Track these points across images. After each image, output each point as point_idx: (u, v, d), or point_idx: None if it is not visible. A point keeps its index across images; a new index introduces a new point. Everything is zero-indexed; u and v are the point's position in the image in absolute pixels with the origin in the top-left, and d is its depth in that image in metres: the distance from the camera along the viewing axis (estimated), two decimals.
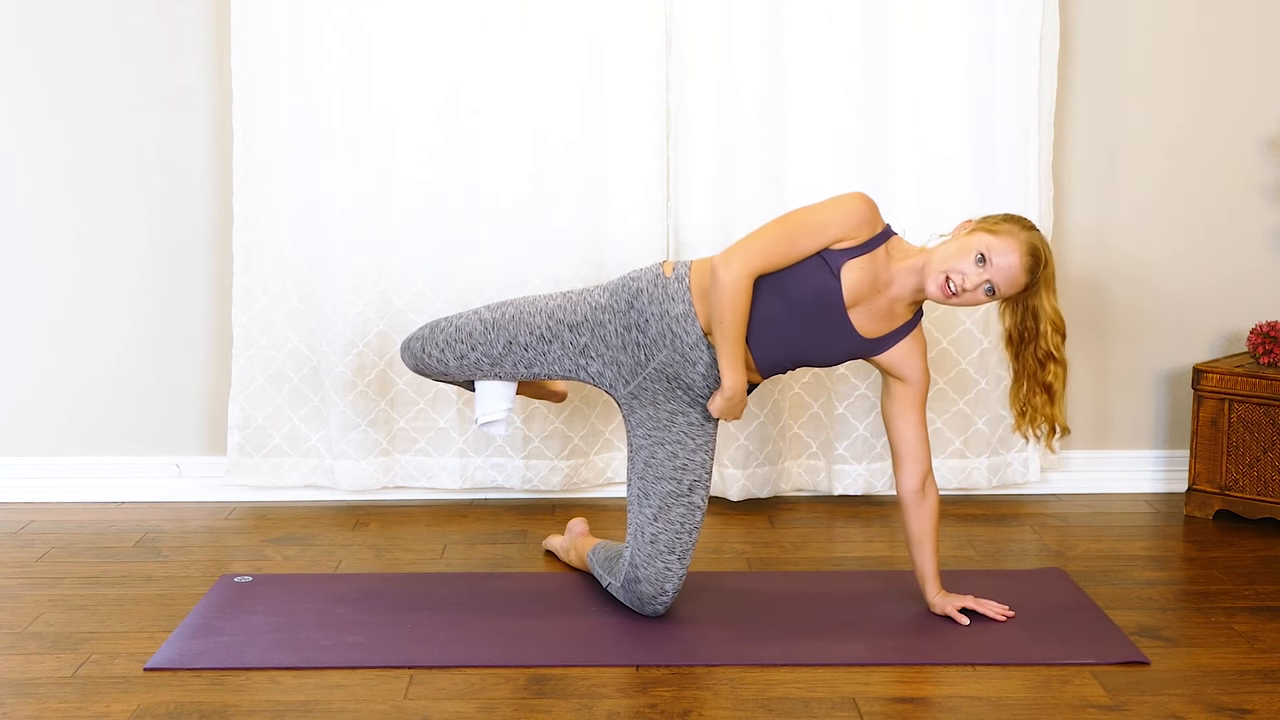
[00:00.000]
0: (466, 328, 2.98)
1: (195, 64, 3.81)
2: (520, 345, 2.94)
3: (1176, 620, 3.05)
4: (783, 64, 3.75)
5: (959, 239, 2.83)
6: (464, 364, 2.98)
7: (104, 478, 3.95)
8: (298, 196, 3.76)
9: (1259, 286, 4.01)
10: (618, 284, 2.97)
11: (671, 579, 2.97)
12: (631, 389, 2.97)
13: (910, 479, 2.98)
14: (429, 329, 3.03)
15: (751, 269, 2.81)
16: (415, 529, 3.72)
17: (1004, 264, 2.78)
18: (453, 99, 3.73)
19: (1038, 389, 2.90)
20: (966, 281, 2.78)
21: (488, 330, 2.96)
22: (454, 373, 3.02)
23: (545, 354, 2.95)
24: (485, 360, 2.97)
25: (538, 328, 2.94)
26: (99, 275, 3.89)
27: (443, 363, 3.00)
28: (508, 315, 2.96)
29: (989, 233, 2.81)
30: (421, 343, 3.03)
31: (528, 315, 2.95)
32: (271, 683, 2.70)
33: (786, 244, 2.82)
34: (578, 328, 2.94)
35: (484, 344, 2.96)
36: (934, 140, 3.80)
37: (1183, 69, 3.94)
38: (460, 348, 2.97)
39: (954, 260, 2.79)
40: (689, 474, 2.96)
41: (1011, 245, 2.79)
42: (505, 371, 2.99)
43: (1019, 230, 2.82)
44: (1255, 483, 3.73)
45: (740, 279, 2.80)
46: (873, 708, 2.59)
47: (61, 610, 3.09)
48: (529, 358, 2.95)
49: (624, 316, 2.93)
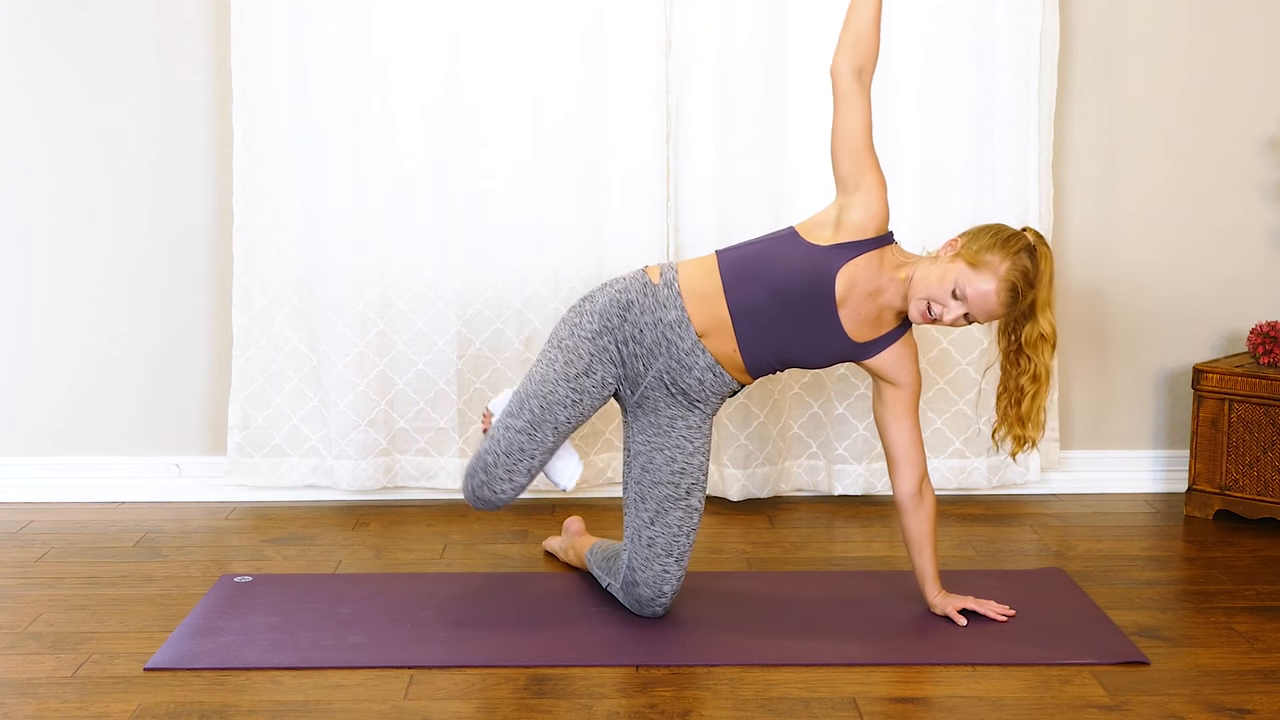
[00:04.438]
0: (514, 447, 2.93)
1: (195, 64, 3.81)
2: (563, 421, 2.93)
3: (1176, 620, 3.05)
4: (783, 63, 3.75)
5: (941, 264, 2.81)
6: (533, 472, 2.97)
7: (104, 478, 3.95)
8: (298, 196, 3.76)
9: (1259, 286, 4.01)
10: (604, 304, 2.95)
11: (670, 581, 2.97)
12: (636, 398, 2.97)
13: (906, 483, 2.98)
14: (483, 475, 2.95)
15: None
16: (415, 529, 3.72)
17: (979, 300, 2.77)
18: (453, 99, 3.73)
19: (1014, 391, 2.90)
20: (945, 315, 2.79)
21: (531, 434, 2.93)
22: (530, 481, 2.99)
23: (582, 410, 2.95)
24: (547, 454, 2.97)
25: (565, 399, 2.92)
26: (99, 275, 3.89)
27: (518, 486, 2.96)
28: (536, 410, 2.92)
29: (969, 264, 2.78)
30: (487, 488, 2.96)
31: (550, 395, 2.92)
32: (271, 683, 2.70)
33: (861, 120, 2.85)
34: (590, 370, 2.93)
35: (537, 445, 2.93)
36: (934, 140, 3.79)
37: (1182, 69, 3.94)
38: (523, 465, 2.94)
39: (935, 289, 2.79)
40: (687, 477, 2.96)
41: (988, 280, 2.76)
42: (561, 444, 2.99)
43: (1000, 262, 2.77)
44: (1255, 483, 3.73)
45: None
46: (873, 708, 2.59)
47: (61, 610, 3.08)
48: (573, 425, 2.95)
49: (619, 332, 2.93)
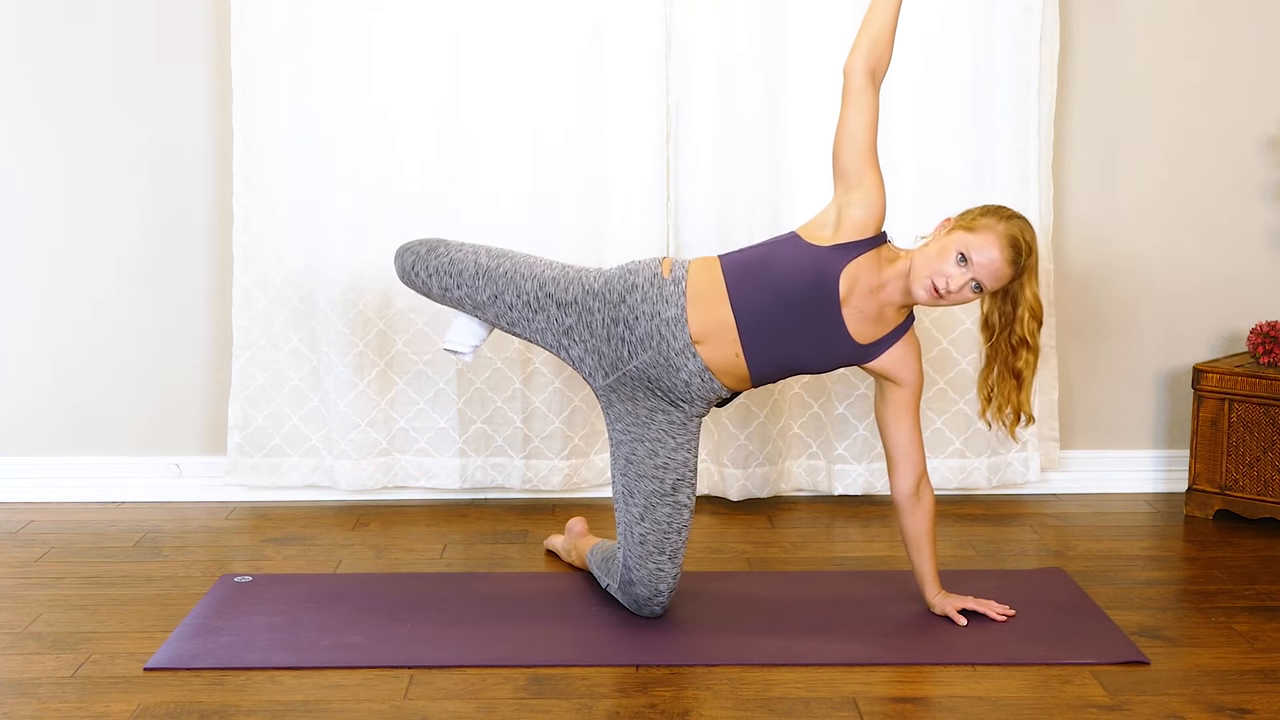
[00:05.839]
0: (459, 264, 2.94)
1: (195, 64, 3.81)
2: (505, 304, 2.92)
3: (1176, 620, 3.05)
4: (783, 63, 3.75)
5: (939, 240, 2.82)
6: (446, 296, 2.97)
7: (104, 478, 3.95)
8: (298, 196, 3.76)
9: (1259, 286, 4.01)
10: (615, 274, 2.93)
11: (665, 579, 2.96)
12: (610, 382, 2.93)
13: (905, 482, 2.97)
14: (426, 248, 2.99)
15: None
16: (415, 529, 3.72)
17: (985, 260, 2.76)
18: (453, 98, 3.73)
19: (1007, 374, 2.88)
20: (951, 283, 2.76)
21: (478, 276, 2.92)
22: (435, 298, 3.01)
23: (529, 320, 2.93)
24: (468, 301, 2.95)
25: (526, 293, 2.91)
26: (98, 275, 3.89)
27: (426, 286, 2.98)
28: (503, 269, 2.93)
29: (967, 230, 2.79)
30: (414, 259, 2.99)
31: (521, 276, 2.92)
32: (271, 683, 2.70)
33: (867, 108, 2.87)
34: (566, 306, 2.91)
35: (470, 287, 2.93)
36: (933, 140, 3.79)
37: (1182, 68, 3.94)
38: (447, 280, 2.94)
39: (936, 262, 2.78)
40: (671, 473, 2.94)
41: (990, 240, 2.77)
42: (487, 318, 2.98)
43: (996, 223, 2.79)
44: (1255, 483, 3.73)
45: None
46: (873, 708, 2.59)
47: (61, 610, 3.08)
48: (512, 317, 2.93)
49: (614, 309, 2.89)
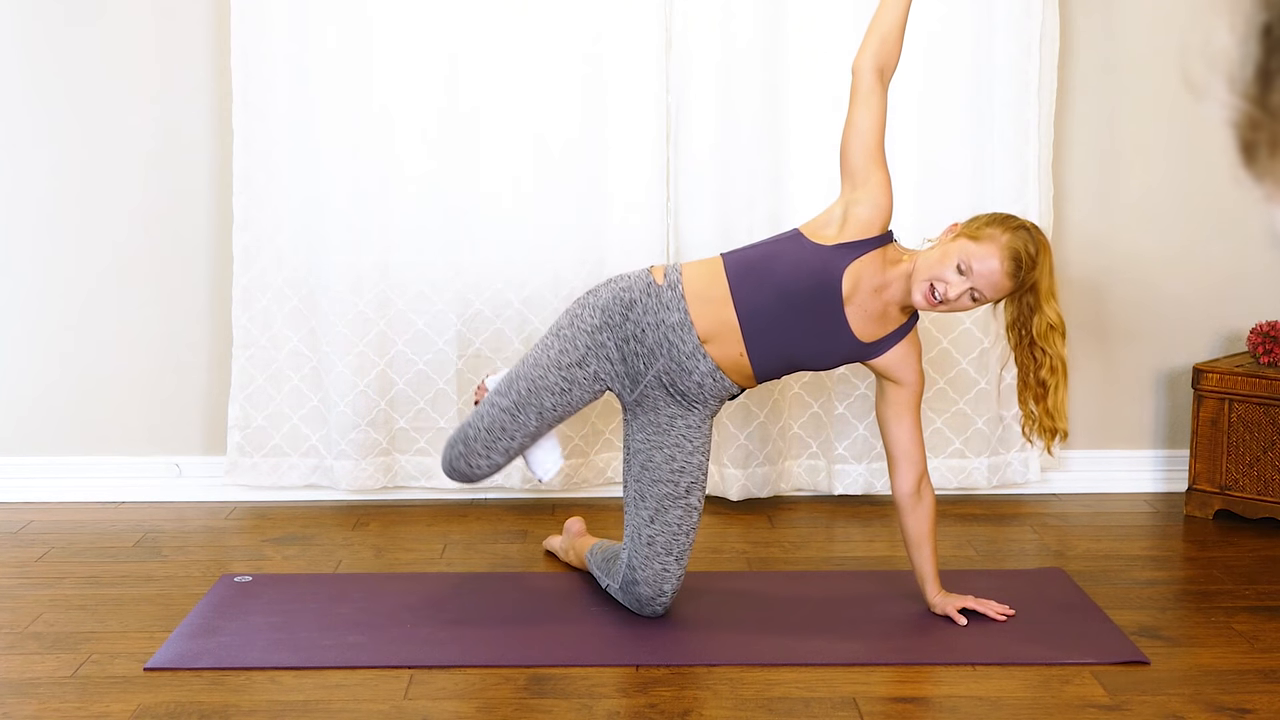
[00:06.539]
0: (496, 425, 2.96)
1: (195, 64, 3.81)
2: (549, 408, 2.94)
3: (1176, 620, 3.05)
4: (783, 64, 3.75)
5: (943, 245, 2.81)
6: (511, 453, 3.00)
7: (104, 478, 3.94)
8: (298, 196, 3.76)
9: (1259, 286, 4.00)
10: (607, 300, 2.95)
11: (670, 580, 2.96)
12: (635, 397, 2.97)
13: (905, 482, 2.97)
14: (462, 446, 3.00)
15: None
16: (415, 529, 3.72)
17: (985, 270, 2.75)
18: (453, 98, 3.73)
19: (1034, 383, 2.88)
20: (950, 291, 2.76)
21: (515, 415, 2.95)
22: (508, 462, 3.03)
23: (570, 400, 2.95)
24: (528, 439, 2.99)
25: (554, 385, 2.93)
26: (99, 275, 3.89)
27: (494, 464, 3.00)
28: (523, 391, 2.94)
29: (970, 239, 2.78)
30: (464, 461, 3.00)
31: (540, 379, 2.93)
32: (271, 683, 2.70)
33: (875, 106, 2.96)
34: (584, 362, 2.93)
35: (519, 427, 2.96)
36: (933, 140, 3.79)
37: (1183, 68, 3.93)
38: (502, 444, 2.97)
39: (937, 269, 2.77)
40: (686, 476, 2.96)
41: (991, 251, 2.75)
42: (545, 432, 3.02)
43: (1001, 234, 2.77)
44: (1255, 482, 3.73)
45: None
46: (873, 708, 2.59)
47: (61, 610, 3.08)
48: (558, 414, 2.97)
49: (620, 330, 2.92)
